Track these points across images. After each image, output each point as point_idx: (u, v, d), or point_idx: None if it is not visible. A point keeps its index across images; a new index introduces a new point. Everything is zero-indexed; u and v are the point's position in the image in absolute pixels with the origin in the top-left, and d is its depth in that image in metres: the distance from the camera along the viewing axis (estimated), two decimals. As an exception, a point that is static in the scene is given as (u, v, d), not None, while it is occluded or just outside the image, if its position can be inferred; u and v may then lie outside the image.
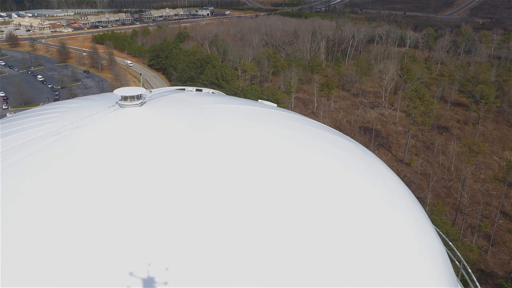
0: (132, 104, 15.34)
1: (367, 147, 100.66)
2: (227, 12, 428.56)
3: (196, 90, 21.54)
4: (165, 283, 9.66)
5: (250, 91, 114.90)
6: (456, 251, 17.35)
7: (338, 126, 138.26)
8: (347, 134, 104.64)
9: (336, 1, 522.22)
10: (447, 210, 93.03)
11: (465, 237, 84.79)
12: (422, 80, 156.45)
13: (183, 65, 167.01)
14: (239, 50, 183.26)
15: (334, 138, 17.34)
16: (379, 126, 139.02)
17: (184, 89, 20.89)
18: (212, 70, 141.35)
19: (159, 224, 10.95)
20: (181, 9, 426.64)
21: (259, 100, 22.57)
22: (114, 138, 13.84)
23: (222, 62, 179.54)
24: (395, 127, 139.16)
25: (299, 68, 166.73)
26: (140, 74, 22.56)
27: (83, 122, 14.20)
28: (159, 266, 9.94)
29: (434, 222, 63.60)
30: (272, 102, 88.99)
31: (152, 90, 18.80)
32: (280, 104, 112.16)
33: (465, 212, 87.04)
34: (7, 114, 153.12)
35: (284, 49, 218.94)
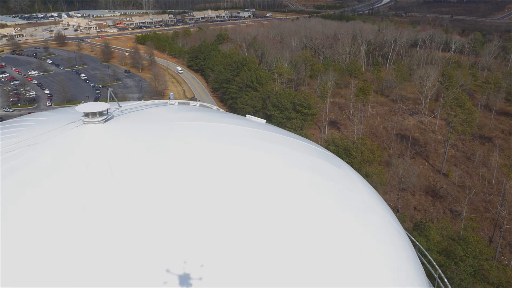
0: (94, 121, 14.92)
1: (402, 155, 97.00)
2: (268, 14, 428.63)
3: (182, 103, 20.81)
4: None
5: (283, 94, 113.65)
6: (428, 255, 16.40)
7: (374, 132, 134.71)
8: (383, 141, 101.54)
9: (380, 4, 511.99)
10: (485, 226, 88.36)
11: (502, 256, 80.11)
12: (466, 87, 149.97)
13: (220, 67, 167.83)
14: (276, 52, 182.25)
15: (305, 161, 16.26)
16: (417, 134, 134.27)
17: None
18: (248, 72, 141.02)
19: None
20: (223, 10, 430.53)
21: (247, 115, 21.53)
22: (63, 157, 13.32)
23: (259, 64, 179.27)
24: (434, 136, 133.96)
25: (337, 72, 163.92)
26: (108, 88, 21.95)
27: (40, 139, 13.89)
28: None
29: (466, 238, 60.33)
30: (304, 106, 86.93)
31: (122, 105, 18.20)
32: (313, 109, 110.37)
33: (503, 229, 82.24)
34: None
35: (323, 52, 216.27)
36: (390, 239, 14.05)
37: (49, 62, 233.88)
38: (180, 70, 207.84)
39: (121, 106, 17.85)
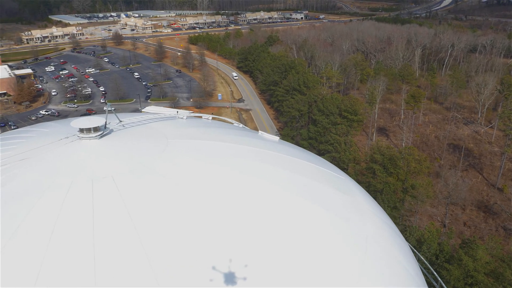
0: (89, 137, 14.65)
1: (454, 166, 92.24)
2: (321, 16, 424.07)
3: (198, 116, 20.14)
4: None
5: (329, 99, 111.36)
6: (430, 267, 14.65)
7: (424, 141, 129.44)
8: (433, 150, 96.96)
9: (439, 7, 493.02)
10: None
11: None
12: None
13: (268, 69, 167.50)
14: (326, 56, 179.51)
15: (306, 188, 15.19)
16: (471, 145, 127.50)
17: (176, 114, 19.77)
18: (295, 75, 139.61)
19: None
20: (275, 12, 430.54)
21: (259, 132, 20.50)
22: (48, 176, 13.12)
23: (308, 67, 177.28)
24: (490, 147, 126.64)
25: (388, 77, 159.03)
26: (106, 103, 21.53)
27: (33, 154, 13.78)
28: None
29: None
30: (350, 112, 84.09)
31: (126, 119, 17.78)
32: (360, 115, 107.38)
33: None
34: (104, 108, 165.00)
35: (375, 56, 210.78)
36: (392, 280, 12.86)
37: (106, 60, 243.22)
38: (236, 76, 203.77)
39: (121, 121, 17.51)
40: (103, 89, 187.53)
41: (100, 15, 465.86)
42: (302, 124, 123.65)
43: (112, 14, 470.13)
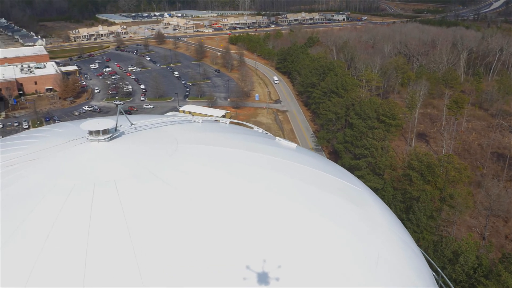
0: (98, 139, 14.55)
1: (497, 176, 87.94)
2: (363, 18, 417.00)
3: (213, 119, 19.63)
4: None
5: (367, 103, 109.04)
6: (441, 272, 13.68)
7: (467, 149, 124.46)
8: (476, 158, 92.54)
9: (488, 9, 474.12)
10: None
11: None
12: None
13: (306, 70, 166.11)
14: (366, 58, 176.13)
15: (317, 201, 14.50)
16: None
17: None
18: (333, 77, 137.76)
19: None
20: (317, 13, 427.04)
21: (276, 138, 19.81)
22: (52, 177, 13.07)
23: (348, 69, 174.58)
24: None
25: (431, 81, 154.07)
26: (117, 105, 21.37)
27: (42, 155, 13.78)
28: None
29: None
30: (388, 116, 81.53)
31: (135, 123, 17.54)
32: (398, 119, 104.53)
33: None
34: (143, 106, 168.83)
35: (417, 60, 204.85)
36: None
37: (147, 59, 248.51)
38: (276, 80, 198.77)
39: (133, 124, 17.36)
40: (143, 87, 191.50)
41: (145, 14, 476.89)
42: (339, 127, 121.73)
43: (156, 13, 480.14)
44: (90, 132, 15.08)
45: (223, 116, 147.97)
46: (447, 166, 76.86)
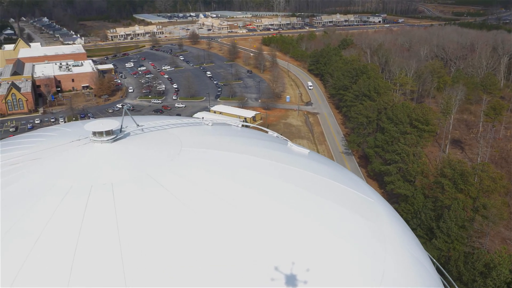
0: (101, 140, 14.42)
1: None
2: (400, 20, 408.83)
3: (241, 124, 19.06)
4: None
5: (400, 107, 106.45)
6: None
7: (504, 157, 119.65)
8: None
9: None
10: None
11: None
12: None
13: (339, 72, 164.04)
14: (401, 61, 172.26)
15: (323, 215, 13.83)
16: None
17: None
18: (366, 81, 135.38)
19: None
20: (352, 15, 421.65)
21: (288, 143, 19.12)
22: (52, 178, 13.01)
23: (381, 73, 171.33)
24: None
25: (468, 86, 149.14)
26: (122, 106, 21.19)
27: (45, 154, 13.76)
28: None
29: None
30: (421, 122, 78.96)
31: (142, 124, 17.28)
32: (432, 125, 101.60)
33: None
34: (175, 105, 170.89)
35: (455, 64, 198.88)
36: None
37: (181, 58, 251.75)
38: (311, 85, 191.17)
39: (139, 125, 17.17)
40: (176, 86, 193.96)
41: (180, 14, 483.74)
42: (370, 131, 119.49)
43: (192, 14, 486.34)
44: (94, 133, 15.02)
45: (253, 117, 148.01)
46: (481, 174, 73.99)
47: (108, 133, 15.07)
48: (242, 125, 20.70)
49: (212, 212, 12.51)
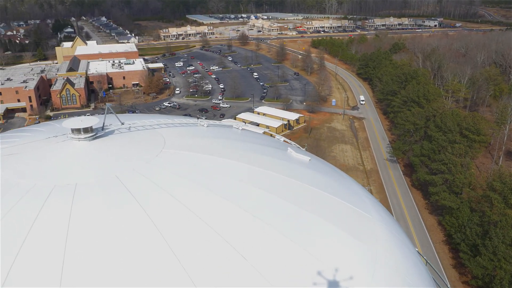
0: (78, 138, 13.91)
1: None
2: (457, 25, 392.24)
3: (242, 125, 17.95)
4: None
5: (449, 115, 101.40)
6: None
7: None
8: None
9: None
10: None
11: None
12: None
13: (387, 77, 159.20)
14: (455, 67, 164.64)
15: (313, 232, 12.50)
16: None
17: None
18: (415, 86, 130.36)
19: None
20: (406, 18, 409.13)
21: (288, 149, 17.70)
22: (20, 174, 12.61)
23: (433, 78, 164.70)
24: None
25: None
26: (105, 104, 20.55)
27: (21, 150, 13.48)
28: None
29: None
30: (472, 131, 74.65)
31: (126, 123, 16.57)
32: (483, 135, 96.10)
33: None
34: (220, 105, 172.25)
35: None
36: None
37: (229, 59, 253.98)
38: (363, 100, 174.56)
39: (123, 123, 16.55)
40: (222, 86, 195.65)
41: (232, 16, 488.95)
42: (416, 139, 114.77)
43: (243, 15, 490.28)
44: (72, 130, 14.65)
45: (296, 120, 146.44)
46: (534, 191, 68.88)
47: (86, 130, 14.64)
48: (242, 129, 19.64)
49: (173, 224, 11.64)
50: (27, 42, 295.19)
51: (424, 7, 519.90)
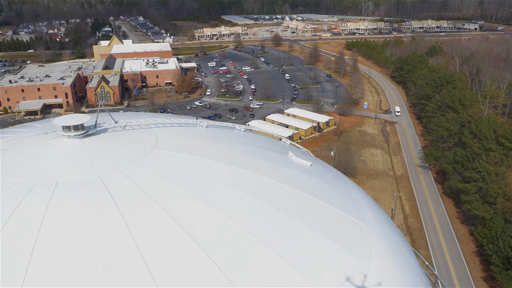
0: (68, 135, 13.75)
1: None
2: (499, 28, 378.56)
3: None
4: None
5: (485, 122, 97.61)
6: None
7: None
8: None
9: None
10: None
11: None
12: None
13: (422, 81, 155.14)
14: (494, 72, 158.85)
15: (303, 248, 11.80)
16: None
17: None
18: (451, 91, 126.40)
19: None
20: (445, 21, 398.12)
21: (289, 153, 16.85)
22: (5, 171, 12.46)
23: (470, 83, 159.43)
24: None
25: None
26: (98, 102, 20.21)
27: (13, 146, 13.45)
28: None
29: None
30: (510, 139, 71.70)
31: (121, 122, 16.26)
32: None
33: None
34: (250, 105, 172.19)
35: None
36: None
37: (262, 60, 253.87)
38: (398, 112, 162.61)
39: (116, 122, 16.30)
40: (253, 87, 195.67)
41: (266, 17, 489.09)
42: (450, 146, 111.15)
43: (277, 16, 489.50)
44: (63, 127, 14.57)
45: (326, 123, 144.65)
46: None
47: (77, 128, 14.51)
48: (245, 130, 19.00)
49: (147, 228, 11.24)
50: (67, 40, 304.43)
51: (464, 10, 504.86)
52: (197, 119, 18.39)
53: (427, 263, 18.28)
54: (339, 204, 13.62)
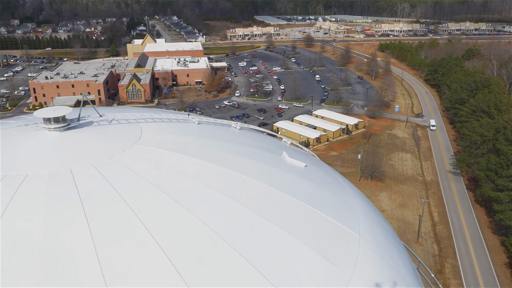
0: (48, 128, 13.49)
1: None
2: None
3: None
4: None
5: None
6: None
7: None
8: None
9: None
10: None
11: None
12: None
13: (457, 84, 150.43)
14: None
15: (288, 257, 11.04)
16: None
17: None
18: (486, 95, 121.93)
19: None
20: (484, 23, 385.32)
21: (283, 153, 15.89)
22: None
23: (508, 87, 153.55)
24: None
25: None
26: (81, 93, 19.77)
27: None
28: None
29: None
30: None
31: (104, 115, 15.81)
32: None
33: None
34: (279, 106, 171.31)
35: None
36: None
37: (293, 60, 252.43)
38: (433, 126, 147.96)
39: (101, 116, 15.94)
40: (283, 87, 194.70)
41: (299, 17, 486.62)
42: (483, 152, 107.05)
43: (310, 17, 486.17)
44: (44, 120, 14.36)
45: (355, 125, 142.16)
46: None
47: (58, 120, 14.24)
48: (240, 128, 18.19)
49: (112, 226, 10.76)
50: (102, 38, 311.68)
51: (505, 12, 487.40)
52: (188, 115, 17.90)
53: (431, 273, 17.19)
54: (329, 209, 12.80)
